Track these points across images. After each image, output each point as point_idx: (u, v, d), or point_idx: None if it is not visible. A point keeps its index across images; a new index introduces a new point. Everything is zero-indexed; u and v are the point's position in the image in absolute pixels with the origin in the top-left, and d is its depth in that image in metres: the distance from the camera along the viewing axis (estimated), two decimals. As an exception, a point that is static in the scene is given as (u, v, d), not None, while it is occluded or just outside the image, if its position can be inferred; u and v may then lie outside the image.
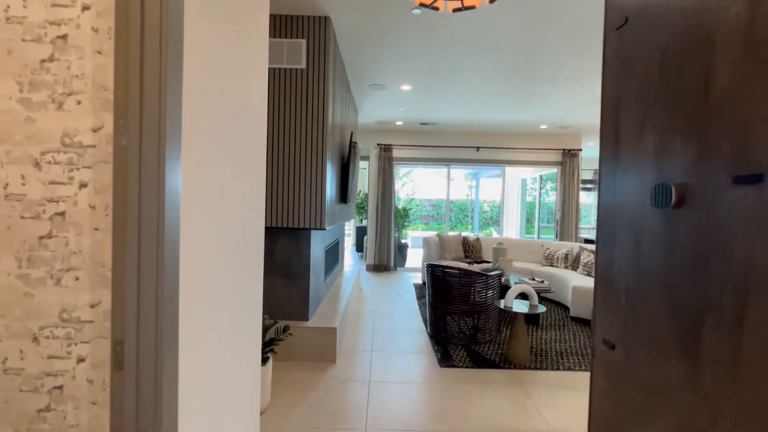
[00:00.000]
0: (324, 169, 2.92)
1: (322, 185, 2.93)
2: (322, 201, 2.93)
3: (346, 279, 4.90)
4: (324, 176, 2.93)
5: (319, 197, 2.93)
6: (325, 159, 2.93)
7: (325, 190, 2.94)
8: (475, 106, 5.29)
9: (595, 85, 4.24)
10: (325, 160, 2.93)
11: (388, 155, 6.99)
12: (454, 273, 3.37)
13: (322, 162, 2.92)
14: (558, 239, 7.17)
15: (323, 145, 2.92)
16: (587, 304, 4.10)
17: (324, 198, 2.93)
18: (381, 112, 5.83)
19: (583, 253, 4.95)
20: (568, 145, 7.13)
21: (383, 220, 7.01)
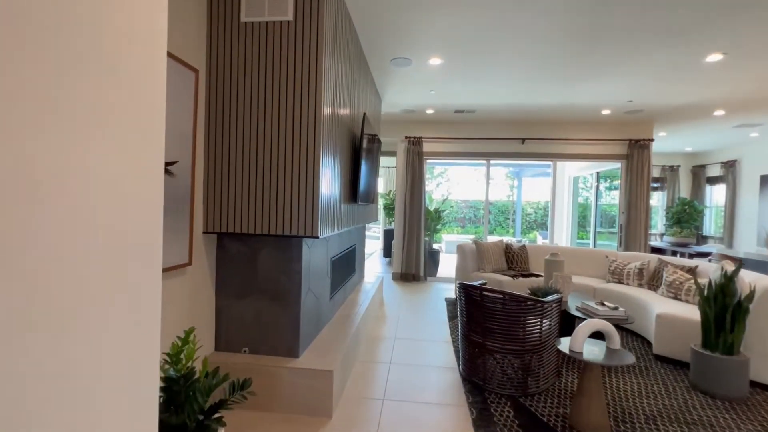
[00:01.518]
0: (317, 161, 2.17)
1: (314, 181, 2.17)
2: (314, 201, 2.17)
3: (365, 292, 4.13)
4: (317, 169, 2.17)
5: (309, 196, 2.17)
6: (318, 147, 2.17)
7: (318, 187, 2.18)
8: (523, 85, 4.34)
9: (700, 44, 3.17)
10: (320, 148, 2.18)
11: (417, 149, 6.16)
12: (496, 299, 2.49)
13: (315, 151, 2.17)
14: (622, 248, 5.98)
15: (316, 128, 2.16)
16: (679, 339, 3.05)
17: (317, 197, 2.18)
18: (407, 97, 5.02)
19: (666, 268, 3.84)
20: (636, 135, 5.93)
21: (411, 223, 6.18)
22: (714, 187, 8.55)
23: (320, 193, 2.20)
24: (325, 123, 2.29)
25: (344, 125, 2.90)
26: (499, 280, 4.45)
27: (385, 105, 5.39)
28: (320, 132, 2.17)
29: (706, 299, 2.63)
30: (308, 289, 2.45)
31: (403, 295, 5.27)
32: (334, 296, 3.17)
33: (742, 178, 7.59)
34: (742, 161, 7.56)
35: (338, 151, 2.71)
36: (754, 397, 2.56)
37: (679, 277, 3.63)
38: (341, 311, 3.33)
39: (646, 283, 4.11)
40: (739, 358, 2.51)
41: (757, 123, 5.75)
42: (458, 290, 2.76)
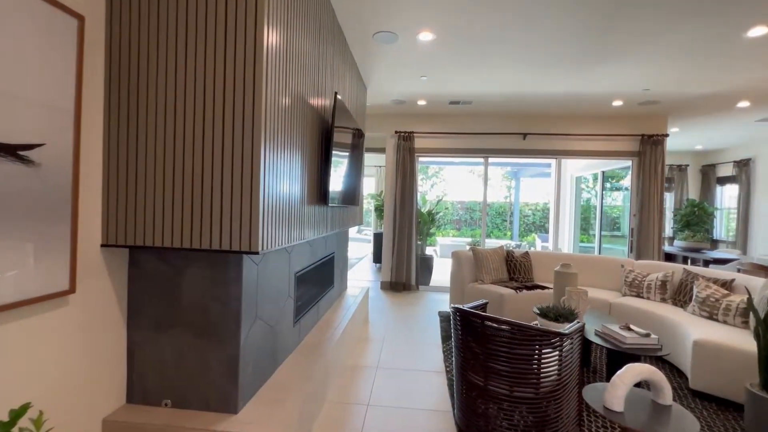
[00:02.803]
0: (257, 156, 1.58)
1: (253, 181, 1.58)
2: (253, 206, 1.58)
3: (345, 309, 3.53)
4: (257, 166, 1.58)
5: (246, 200, 1.58)
6: (259, 139, 1.58)
7: (259, 189, 1.58)
8: (528, 70, 3.77)
9: (742, 14, 2.61)
10: (260, 140, 1.58)
11: (408, 145, 5.58)
12: (502, 331, 1.90)
13: (255, 144, 1.57)
14: (634, 254, 5.43)
15: (256, 117, 1.57)
16: (724, 372, 2.48)
17: (256, 201, 1.58)
18: (396, 85, 4.43)
19: (696, 282, 3.27)
20: (649, 130, 5.38)
21: (402, 226, 5.59)
22: (725, 188, 8.06)
23: (262, 195, 1.60)
24: (273, 111, 1.71)
25: (310, 115, 2.31)
26: (501, 294, 3.88)
27: (372, 95, 4.80)
28: (261, 121, 1.58)
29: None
30: (254, 318, 1.86)
31: (391, 308, 4.68)
32: (300, 320, 2.58)
33: (757, 178, 7.08)
34: (758, 160, 7.05)
35: (299, 145, 2.12)
36: (832, 455, 1.99)
37: (714, 293, 3.07)
38: (311, 337, 2.73)
39: (670, 298, 3.55)
40: (815, 406, 1.95)
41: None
42: (453, 316, 2.17)
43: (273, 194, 1.74)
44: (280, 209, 1.84)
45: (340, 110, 2.68)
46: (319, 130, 2.54)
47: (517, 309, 3.89)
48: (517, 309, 3.89)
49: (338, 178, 2.88)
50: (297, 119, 2.07)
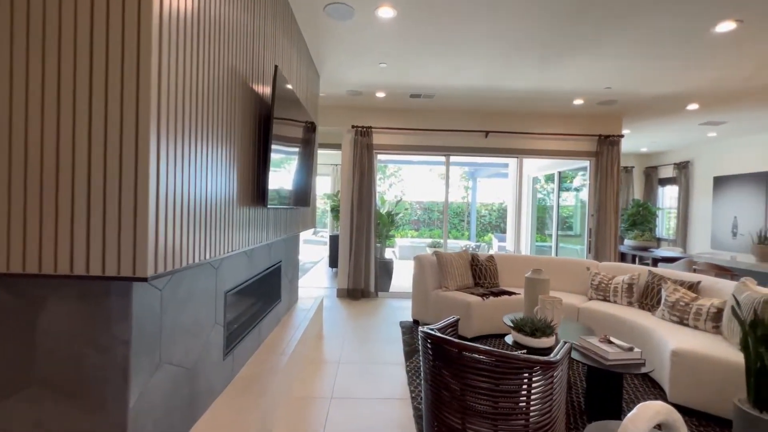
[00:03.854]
0: (143, 138, 1.08)
1: (135, 174, 1.08)
2: (138, 212, 1.08)
3: (295, 326, 3.05)
4: (142, 154, 1.08)
5: (129, 204, 1.08)
6: (145, 113, 1.09)
7: (144, 186, 1.09)
8: (493, 59, 3.50)
9: (711, 7, 2.48)
10: (147, 115, 1.09)
11: (366, 141, 5.17)
12: (481, 363, 1.54)
13: (139, 121, 1.08)
14: (592, 255, 5.43)
15: (140, 79, 1.08)
16: (703, 384, 2.33)
17: (143, 204, 1.08)
18: (353, 73, 4.00)
19: (664, 285, 3.18)
20: (606, 130, 5.41)
21: (360, 228, 5.17)
22: (666, 189, 8.51)
23: (154, 198, 1.11)
24: (176, 89, 1.22)
25: (243, 98, 1.82)
26: (467, 302, 3.59)
27: (326, 84, 4.33)
28: (152, 100, 1.09)
29: (761, 339, 1.90)
30: (157, 365, 1.34)
31: (348, 320, 4.24)
32: (234, 349, 2.07)
33: (695, 180, 7.51)
34: (696, 162, 7.48)
35: (226, 132, 1.63)
36: (824, 475, 1.86)
37: (683, 296, 2.97)
38: (249, 368, 2.23)
39: (636, 302, 3.45)
40: (810, 424, 1.80)
41: (722, 121, 5.48)
42: (423, 342, 1.79)
43: (180, 195, 1.24)
44: (195, 214, 1.35)
45: (283, 94, 2.21)
46: (255, 116, 2.05)
47: (485, 318, 3.63)
48: (485, 318, 3.62)
49: (285, 175, 2.40)
50: (222, 102, 1.58)
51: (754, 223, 6.21)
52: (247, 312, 2.40)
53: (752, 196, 6.29)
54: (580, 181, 7.97)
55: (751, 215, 6.29)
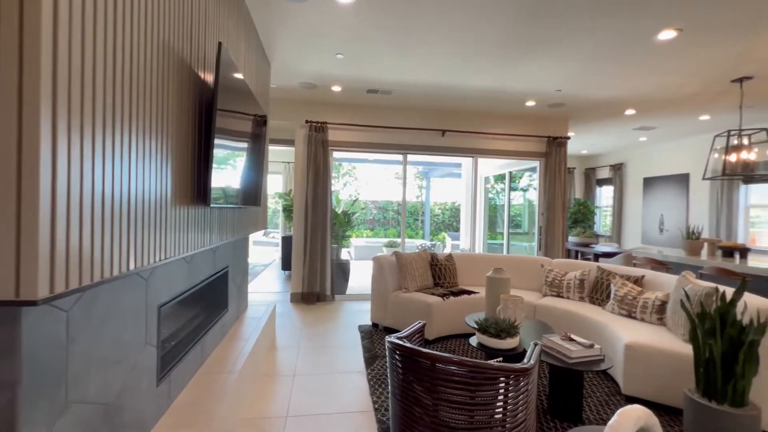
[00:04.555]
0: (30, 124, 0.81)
1: (18, 171, 0.81)
2: (22, 216, 0.81)
3: (244, 338, 2.76)
4: (29, 145, 0.81)
5: (9, 206, 0.80)
6: (34, 93, 0.82)
7: (34, 184, 0.82)
8: (454, 55, 3.45)
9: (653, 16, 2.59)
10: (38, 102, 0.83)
11: (321, 137, 4.92)
12: (456, 374, 1.43)
13: (22, 110, 0.81)
14: (542, 252, 5.64)
15: (24, 51, 0.81)
16: (654, 375, 2.42)
17: (32, 206, 0.81)
18: (307, 62, 3.76)
19: (613, 280, 3.32)
20: (554, 132, 5.64)
21: (315, 229, 4.92)
22: (602, 189, 9.16)
23: (45, 198, 0.84)
24: (73, 71, 0.95)
25: (174, 83, 1.55)
26: (428, 303, 3.51)
27: (278, 74, 4.04)
28: (40, 87, 0.83)
29: (710, 332, 1.98)
30: (63, 407, 1.06)
31: (304, 326, 3.99)
32: (170, 373, 1.77)
33: (628, 180, 8.15)
34: (629, 164, 8.11)
35: (153, 125, 1.36)
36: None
37: (630, 291, 3.11)
38: (189, 392, 1.94)
39: (587, 296, 3.58)
40: (752, 410, 1.90)
41: (653, 126, 5.95)
42: (391, 353, 1.64)
43: (92, 194, 0.98)
44: (114, 216, 1.08)
45: (229, 79, 1.95)
46: (197, 104, 1.78)
47: (447, 319, 3.57)
48: (446, 319, 3.56)
49: (233, 172, 2.13)
50: (151, 86, 1.31)
51: (678, 220, 6.85)
52: (187, 326, 2.09)
53: (676, 196, 6.93)
54: (527, 181, 8.34)
55: (675, 213, 6.94)
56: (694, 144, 6.59)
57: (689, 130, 6.12)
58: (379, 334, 3.74)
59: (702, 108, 4.86)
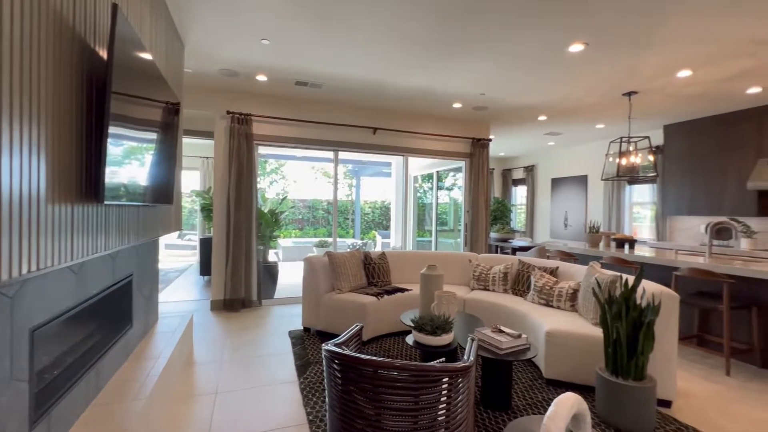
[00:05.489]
0: None
1: None
2: None
3: (156, 353, 2.39)
4: None
5: None
6: None
7: None
8: (387, 50, 3.41)
9: (564, 30, 2.83)
10: None
11: (245, 130, 4.55)
12: (399, 380, 1.36)
13: None
14: (468, 248, 5.93)
15: None
16: (571, 358, 2.65)
17: None
18: (227, 47, 3.42)
19: (533, 272, 3.58)
20: (478, 134, 5.96)
21: (238, 229, 4.54)
22: (517, 188, 10.00)
23: None
24: None
25: (51, 52, 1.24)
26: (362, 303, 3.43)
27: (193, 57, 3.61)
28: None
29: (617, 315, 2.21)
30: None
31: (227, 336, 3.64)
32: (50, 411, 1.43)
33: (538, 181, 8.99)
34: (539, 166, 8.95)
35: (15, 104, 1.06)
36: (662, 426, 2.27)
37: (548, 281, 3.38)
38: (79, 430, 1.59)
39: (511, 288, 3.82)
40: (650, 382, 2.16)
41: (560, 132, 6.62)
42: (328, 362, 1.51)
43: None
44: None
45: (129, 53, 1.64)
46: (86, 82, 1.45)
47: (381, 318, 3.53)
48: (381, 318, 3.52)
49: (137, 165, 1.81)
50: (11, 48, 1.01)
51: (579, 216, 7.75)
52: (76, 350, 1.73)
53: (577, 195, 7.83)
54: (452, 180, 8.75)
55: (576, 210, 7.83)
56: (591, 149, 7.50)
57: (588, 136, 6.93)
58: (312, 339, 3.56)
59: (599, 117, 5.53)
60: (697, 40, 3.05)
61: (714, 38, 3.00)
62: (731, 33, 2.91)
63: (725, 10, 2.59)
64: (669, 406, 2.43)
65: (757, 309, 3.12)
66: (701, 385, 2.77)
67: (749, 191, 4.85)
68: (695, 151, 5.49)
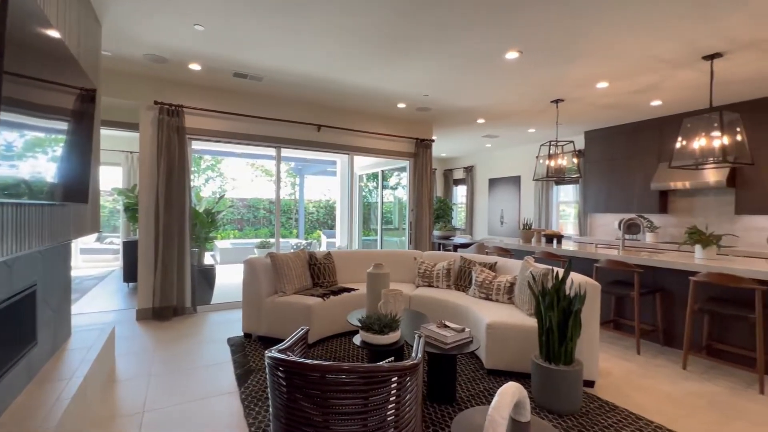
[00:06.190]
0: None
1: None
2: None
3: (68, 372, 2.09)
4: None
5: None
6: None
7: None
8: (333, 43, 3.34)
9: (501, 37, 2.99)
10: None
11: (176, 123, 4.19)
12: (348, 383, 1.33)
13: None
14: (413, 246, 6.05)
15: None
16: (509, 348, 2.80)
17: None
18: (154, 30, 3.11)
19: (474, 268, 3.74)
20: (422, 134, 6.09)
21: (169, 231, 4.17)
22: (458, 188, 10.43)
23: None
24: None
25: None
26: (307, 305, 3.33)
27: (113, 39, 3.23)
28: None
29: (550, 305, 2.38)
30: None
31: (157, 348, 3.32)
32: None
33: (477, 181, 9.46)
34: (477, 167, 9.41)
35: None
36: (587, 404, 2.49)
37: (487, 276, 3.56)
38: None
39: (453, 284, 3.96)
40: (577, 366, 2.36)
41: (496, 135, 7.02)
42: (271, 370, 1.43)
43: None
44: None
45: (26, 31, 1.41)
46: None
47: (328, 319, 3.46)
48: (327, 319, 3.45)
49: (42, 158, 1.56)
50: None
51: (513, 214, 8.29)
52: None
53: (511, 194, 8.37)
54: (396, 180, 8.88)
55: (511, 208, 8.37)
56: (523, 152, 8.06)
57: (521, 139, 7.43)
58: (253, 345, 3.38)
59: (531, 122, 5.95)
60: (612, 56, 3.40)
61: (625, 54, 3.37)
62: (638, 51, 3.29)
63: (633, 29, 2.91)
64: (593, 386, 2.68)
65: (661, 294, 3.56)
66: (618, 365, 3.10)
67: (653, 191, 5.54)
68: (610, 155, 6.14)
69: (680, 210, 5.50)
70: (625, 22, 2.80)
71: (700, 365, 3.10)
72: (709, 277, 2.89)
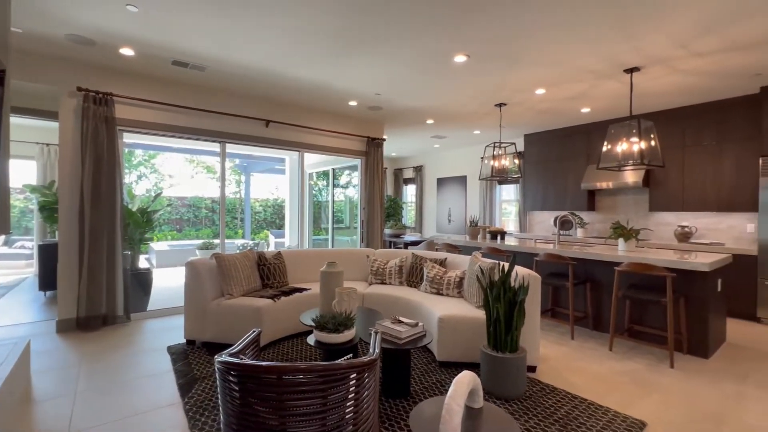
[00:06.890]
0: None
1: None
2: None
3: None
4: None
5: None
6: None
7: None
8: (282, 35, 3.23)
9: (450, 40, 3.09)
10: None
11: (104, 113, 3.80)
12: (305, 383, 1.29)
13: None
14: (364, 244, 6.06)
15: None
16: (460, 341, 2.92)
17: None
18: (77, 8, 2.79)
19: (425, 264, 3.83)
20: (373, 133, 6.12)
21: (97, 232, 3.77)
22: (408, 187, 10.63)
23: None
24: None
25: None
26: (257, 307, 3.20)
27: (26, 14, 2.84)
28: None
29: (497, 297, 2.51)
30: None
31: (82, 362, 2.98)
32: None
33: (426, 180, 9.72)
34: (426, 167, 9.67)
35: None
36: (530, 388, 2.66)
37: (438, 272, 3.67)
38: None
39: (406, 281, 4.03)
40: (522, 353, 2.51)
41: (444, 136, 7.26)
42: (222, 375, 1.35)
43: None
44: None
45: None
46: None
47: (279, 320, 3.35)
48: (278, 321, 3.34)
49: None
50: None
51: (460, 212, 8.63)
52: None
53: (458, 193, 8.71)
54: (347, 178, 8.84)
55: (458, 206, 8.71)
56: (469, 152, 8.42)
57: (467, 141, 7.76)
58: (198, 353, 3.18)
59: (476, 124, 6.23)
60: (548, 64, 3.67)
61: (559, 64, 3.65)
62: (570, 61, 3.58)
63: (565, 41, 3.17)
64: (534, 371, 2.87)
65: (590, 284, 3.92)
66: (555, 350, 3.36)
67: (582, 190, 6.08)
68: (546, 157, 6.63)
69: (605, 207, 6.09)
70: (559, 34, 3.04)
71: (623, 346, 3.46)
72: (630, 266, 3.23)
